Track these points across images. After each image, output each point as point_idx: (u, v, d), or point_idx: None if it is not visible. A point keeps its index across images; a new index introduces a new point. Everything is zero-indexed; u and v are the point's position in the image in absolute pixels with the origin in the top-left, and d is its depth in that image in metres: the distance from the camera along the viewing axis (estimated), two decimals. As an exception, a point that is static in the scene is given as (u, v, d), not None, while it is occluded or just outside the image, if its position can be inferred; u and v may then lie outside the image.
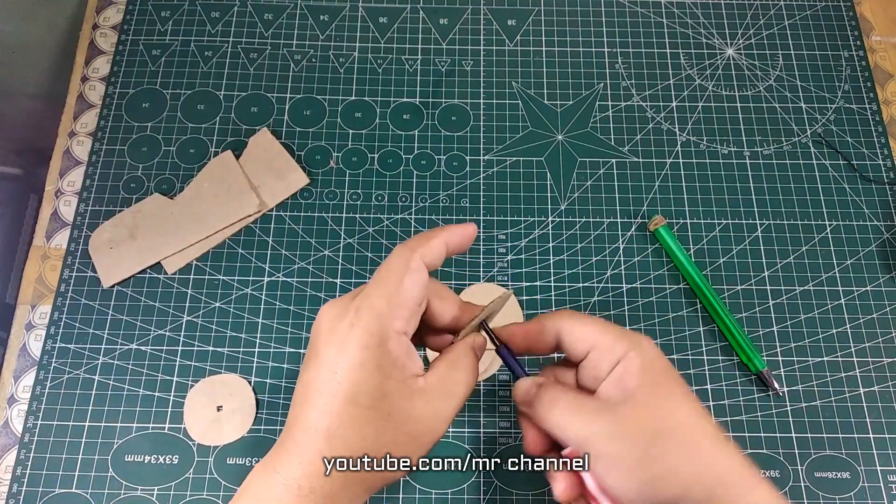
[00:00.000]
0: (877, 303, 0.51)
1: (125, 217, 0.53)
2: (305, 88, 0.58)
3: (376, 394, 0.29)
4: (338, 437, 0.28)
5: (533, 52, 0.60)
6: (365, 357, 0.29)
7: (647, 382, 0.30)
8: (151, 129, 0.56)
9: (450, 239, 0.32)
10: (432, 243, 0.31)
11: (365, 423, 0.28)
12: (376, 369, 0.29)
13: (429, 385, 0.30)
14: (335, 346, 0.29)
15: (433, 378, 0.31)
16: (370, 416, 0.28)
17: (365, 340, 0.29)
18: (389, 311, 0.29)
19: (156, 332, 0.49)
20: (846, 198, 0.54)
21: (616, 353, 0.31)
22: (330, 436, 0.28)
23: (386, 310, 0.29)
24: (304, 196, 0.54)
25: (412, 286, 0.30)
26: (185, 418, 0.47)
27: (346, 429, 0.28)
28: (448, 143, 0.56)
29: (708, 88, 0.58)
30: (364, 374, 0.29)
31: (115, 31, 0.60)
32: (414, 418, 0.29)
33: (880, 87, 0.59)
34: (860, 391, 0.48)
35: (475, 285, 0.50)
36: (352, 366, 0.29)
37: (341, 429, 0.28)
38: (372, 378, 0.29)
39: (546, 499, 0.45)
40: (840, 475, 0.46)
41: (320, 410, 0.29)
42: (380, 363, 0.29)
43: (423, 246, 0.31)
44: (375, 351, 0.29)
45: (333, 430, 0.28)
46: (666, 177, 0.55)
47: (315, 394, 0.29)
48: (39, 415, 0.47)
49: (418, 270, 0.30)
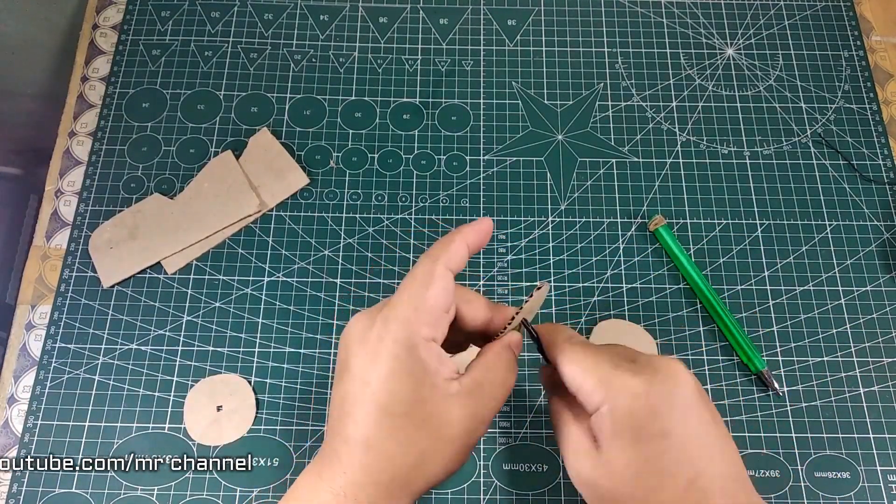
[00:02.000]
0: (877, 303, 0.51)
1: (125, 217, 0.53)
2: (305, 88, 0.58)
3: (410, 401, 0.29)
4: (375, 446, 0.29)
5: (533, 52, 0.60)
6: (395, 366, 0.29)
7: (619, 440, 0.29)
8: (151, 129, 0.56)
9: (468, 238, 0.32)
10: (452, 248, 0.31)
11: (401, 431, 0.29)
12: (408, 377, 0.29)
13: (464, 388, 0.30)
14: (366, 358, 0.30)
15: (468, 381, 0.31)
16: (406, 423, 0.29)
17: (394, 350, 0.29)
18: (417, 319, 0.29)
19: (156, 332, 0.49)
20: (846, 198, 0.54)
21: (593, 403, 0.30)
22: (368, 446, 0.29)
23: (413, 317, 0.29)
24: (304, 196, 0.54)
25: (437, 293, 0.30)
26: (185, 418, 0.47)
27: (384, 438, 0.29)
28: (448, 143, 0.56)
29: (708, 88, 0.58)
30: (396, 383, 0.29)
31: (115, 31, 0.60)
32: (450, 423, 0.29)
33: (880, 87, 0.59)
34: (860, 391, 0.48)
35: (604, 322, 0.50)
36: (384, 376, 0.29)
37: (378, 438, 0.29)
38: (404, 386, 0.29)
39: (546, 499, 0.45)
40: (840, 475, 0.46)
41: (356, 422, 0.29)
42: (411, 371, 0.29)
43: (444, 253, 0.31)
44: (406, 359, 0.29)
45: (371, 441, 0.29)
46: (666, 177, 0.55)
47: (351, 406, 0.29)
48: (39, 415, 0.47)
49: (443, 277, 0.30)
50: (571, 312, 0.50)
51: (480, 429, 0.31)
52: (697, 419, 0.29)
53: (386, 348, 0.29)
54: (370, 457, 0.29)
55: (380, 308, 0.31)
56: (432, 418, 0.29)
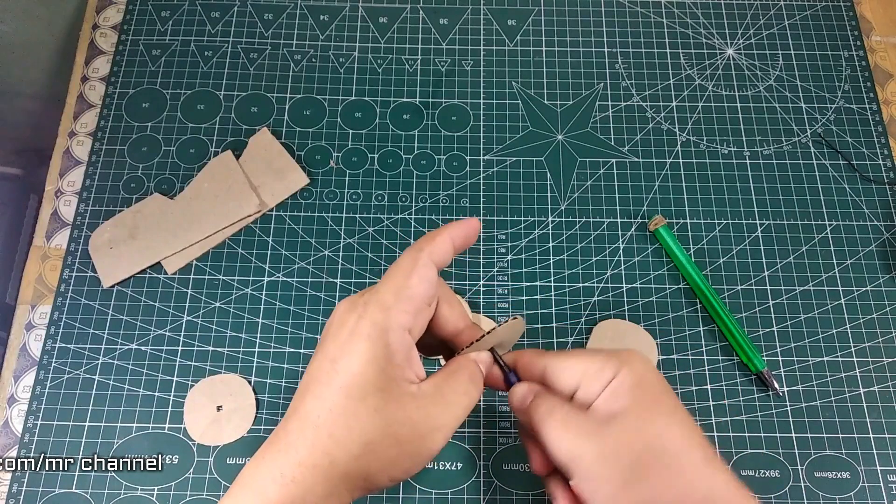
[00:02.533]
0: (877, 303, 0.51)
1: (125, 217, 0.53)
2: (305, 88, 0.58)
3: (368, 387, 0.29)
4: (325, 427, 0.28)
5: (533, 52, 0.60)
6: (365, 349, 0.29)
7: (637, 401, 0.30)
8: (151, 129, 0.56)
9: (454, 234, 0.32)
10: (437, 241, 0.32)
11: (352, 415, 0.28)
12: (373, 362, 0.29)
13: (422, 391, 0.30)
14: (341, 338, 0.30)
15: (428, 386, 0.30)
16: (359, 409, 0.28)
17: (369, 331, 0.29)
18: (395, 305, 0.30)
19: (156, 332, 0.49)
20: (846, 198, 0.54)
21: (607, 374, 0.31)
22: (317, 425, 0.28)
23: (392, 303, 0.30)
24: (304, 196, 0.54)
25: (419, 282, 0.30)
26: (185, 418, 0.47)
27: (335, 419, 0.28)
28: (448, 143, 0.56)
29: (708, 88, 0.58)
30: (361, 365, 0.29)
31: (115, 31, 0.60)
32: (402, 421, 0.29)
33: (880, 87, 0.59)
34: (860, 391, 0.48)
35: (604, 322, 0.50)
36: (352, 356, 0.29)
37: (330, 419, 0.28)
38: (368, 371, 0.29)
39: (546, 499, 0.45)
40: (840, 475, 0.46)
41: (315, 397, 0.29)
42: (377, 356, 0.29)
43: (429, 244, 0.32)
44: (376, 342, 0.29)
45: (321, 420, 0.28)
46: (666, 177, 0.55)
47: (314, 383, 0.29)
48: (39, 415, 0.47)
49: (426, 266, 0.31)
50: (571, 312, 0.50)
51: (437, 437, 0.30)
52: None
53: (361, 329, 0.29)
54: (317, 436, 0.28)
55: (364, 292, 0.31)
56: (385, 411, 0.29)
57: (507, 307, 0.50)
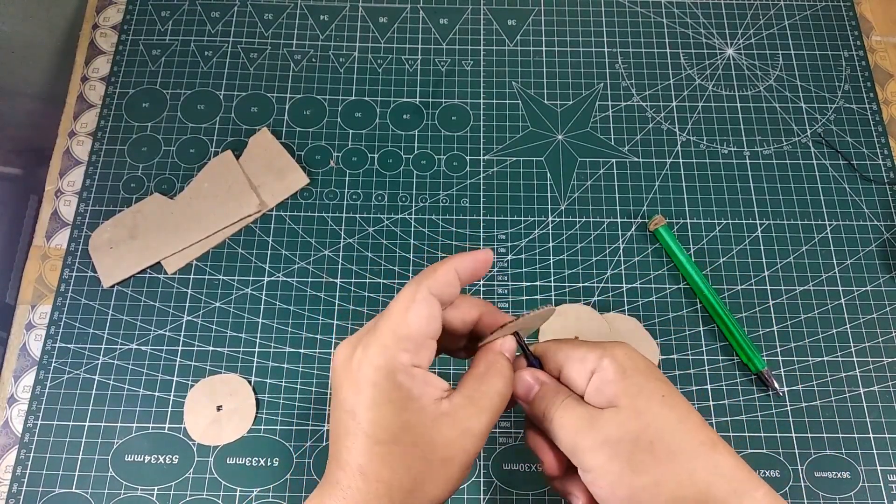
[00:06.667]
0: (877, 303, 0.51)
1: (125, 217, 0.53)
2: (305, 88, 0.58)
3: (394, 428, 0.28)
4: (369, 473, 0.28)
5: (533, 52, 0.60)
6: (376, 394, 0.29)
7: (625, 389, 0.30)
8: (151, 129, 0.56)
9: (459, 265, 0.31)
10: (439, 273, 0.31)
11: (392, 457, 0.28)
12: (389, 404, 0.29)
13: (454, 406, 0.30)
14: (349, 387, 0.29)
15: (459, 398, 0.30)
16: (395, 450, 0.28)
17: (373, 378, 0.29)
18: (395, 345, 0.29)
19: (156, 332, 0.49)
20: (846, 198, 0.54)
21: (589, 364, 0.31)
22: (363, 472, 0.28)
23: (392, 344, 0.29)
24: (304, 196, 0.54)
25: (417, 318, 0.29)
26: (185, 418, 0.47)
27: (377, 465, 0.28)
28: (448, 143, 0.56)
29: (708, 88, 0.58)
30: (377, 411, 0.29)
31: (115, 31, 0.60)
32: (442, 444, 0.29)
33: (880, 87, 0.59)
34: (860, 391, 0.48)
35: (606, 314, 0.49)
36: (366, 405, 0.29)
37: (372, 465, 0.28)
38: (387, 414, 0.28)
39: (546, 499, 0.45)
40: (840, 475, 0.46)
41: (349, 450, 0.29)
42: (391, 398, 0.29)
43: (429, 277, 0.30)
44: (385, 387, 0.29)
45: (365, 468, 0.28)
46: (666, 177, 0.55)
47: (343, 434, 0.29)
48: (39, 415, 0.47)
49: (424, 301, 0.30)
50: (571, 312, 0.50)
51: (477, 443, 0.30)
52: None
53: (365, 377, 0.29)
54: (367, 483, 0.28)
55: (363, 334, 0.31)
56: (422, 442, 0.29)
57: (507, 307, 0.50)
